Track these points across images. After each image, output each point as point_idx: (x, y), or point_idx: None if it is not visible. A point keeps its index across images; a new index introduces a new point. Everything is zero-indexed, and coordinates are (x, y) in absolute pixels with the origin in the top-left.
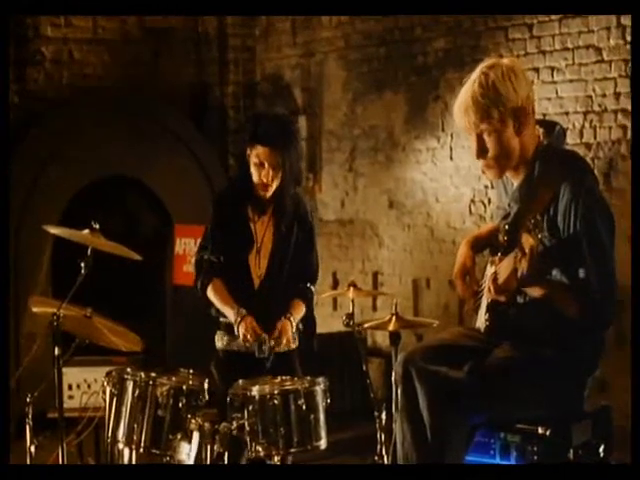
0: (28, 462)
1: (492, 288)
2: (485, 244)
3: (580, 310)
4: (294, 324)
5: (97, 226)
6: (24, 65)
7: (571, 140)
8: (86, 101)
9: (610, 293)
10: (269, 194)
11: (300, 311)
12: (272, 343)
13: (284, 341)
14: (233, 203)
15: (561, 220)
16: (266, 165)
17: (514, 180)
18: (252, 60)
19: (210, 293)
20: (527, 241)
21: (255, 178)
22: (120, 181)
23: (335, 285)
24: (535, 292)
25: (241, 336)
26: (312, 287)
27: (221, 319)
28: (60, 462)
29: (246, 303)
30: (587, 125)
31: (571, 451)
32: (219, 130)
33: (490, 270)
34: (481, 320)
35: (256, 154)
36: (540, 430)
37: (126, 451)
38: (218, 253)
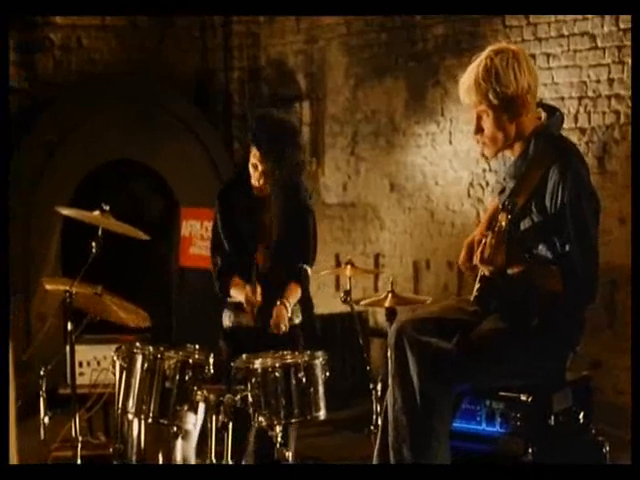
0: (42, 435)
1: (477, 259)
2: None
3: (563, 285)
4: (289, 307)
5: (107, 208)
6: (33, 51)
7: (566, 125)
8: (94, 87)
9: (592, 269)
10: (265, 192)
11: (296, 293)
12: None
13: (282, 326)
14: (236, 197)
15: (548, 199)
16: (259, 168)
17: (511, 156)
18: (256, 46)
19: (233, 292)
20: (499, 219)
21: (253, 178)
22: (127, 165)
23: (337, 267)
24: (514, 269)
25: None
26: (308, 268)
27: (228, 299)
28: (73, 435)
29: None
30: (582, 110)
31: (552, 417)
32: (224, 115)
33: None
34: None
35: (253, 155)
36: (523, 397)
37: (135, 421)
38: (229, 250)
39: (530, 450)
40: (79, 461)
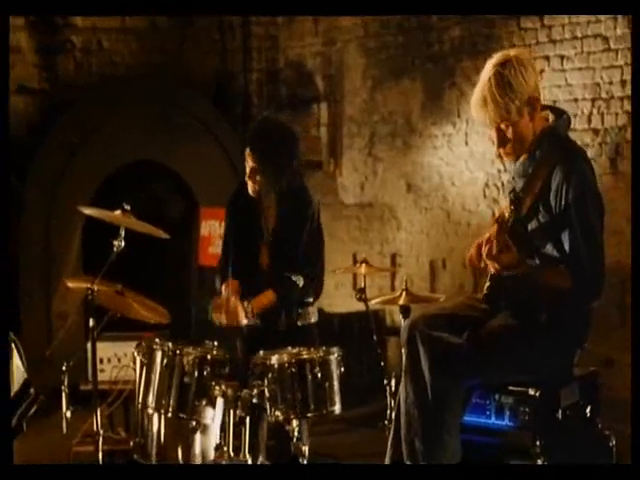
0: (64, 429)
1: (485, 254)
2: None
3: (569, 283)
4: (245, 306)
5: (128, 207)
6: (55, 54)
7: (579, 126)
8: (115, 88)
9: (598, 266)
10: (264, 199)
11: (265, 297)
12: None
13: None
14: (242, 202)
15: (553, 198)
16: (248, 168)
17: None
18: (275, 48)
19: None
20: (503, 211)
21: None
22: (147, 166)
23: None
24: (521, 268)
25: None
26: (294, 278)
27: (245, 300)
28: (95, 429)
29: (261, 288)
30: (595, 111)
31: (560, 411)
32: (243, 116)
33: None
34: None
35: (247, 157)
36: (531, 392)
37: (155, 416)
38: (233, 252)
39: (538, 443)
40: (100, 455)
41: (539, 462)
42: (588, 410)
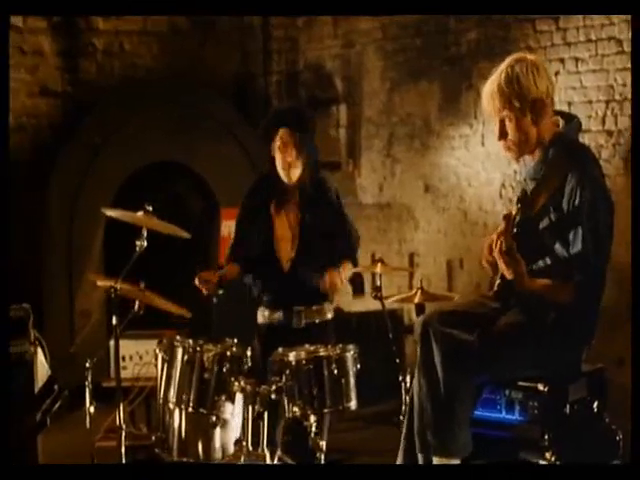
0: (87, 424)
1: (496, 251)
2: None
3: (576, 282)
4: (342, 273)
5: (150, 208)
6: (77, 56)
7: (594, 127)
8: (136, 90)
9: (603, 265)
10: (294, 177)
11: (347, 269)
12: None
13: (327, 283)
14: (259, 195)
15: (566, 201)
16: (289, 145)
17: (531, 161)
18: (295, 50)
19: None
20: (509, 209)
21: (279, 163)
22: (168, 166)
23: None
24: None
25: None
26: (354, 253)
27: (264, 297)
28: (118, 423)
29: (276, 285)
30: (609, 113)
31: (567, 406)
32: (263, 117)
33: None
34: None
35: (279, 137)
36: (540, 387)
37: (176, 411)
38: (245, 245)
39: (546, 437)
40: (123, 450)
41: (547, 455)
42: (595, 405)
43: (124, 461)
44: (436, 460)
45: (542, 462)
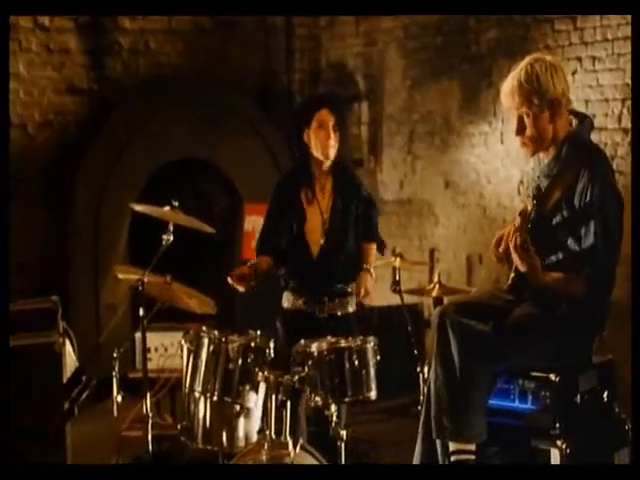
0: (115, 413)
1: (512, 246)
2: None
3: (587, 275)
4: (372, 272)
5: (176, 204)
6: (103, 55)
7: (610, 125)
8: (161, 88)
9: (614, 259)
10: (332, 155)
11: (373, 254)
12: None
13: (362, 292)
14: (291, 184)
15: (577, 198)
16: (329, 123)
17: (545, 158)
18: (317, 48)
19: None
20: (524, 205)
21: (319, 143)
22: (193, 163)
23: None
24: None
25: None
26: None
27: (290, 283)
28: (145, 412)
29: (306, 272)
30: (625, 111)
31: (578, 396)
32: (286, 114)
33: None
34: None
35: (318, 118)
36: (552, 377)
37: (201, 400)
38: (276, 236)
39: (558, 425)
40: (149, 438)
41: (558, 443)
42: (605, 395)
43: (150, 449)
44: (452, 445)
45: (553, 449)
